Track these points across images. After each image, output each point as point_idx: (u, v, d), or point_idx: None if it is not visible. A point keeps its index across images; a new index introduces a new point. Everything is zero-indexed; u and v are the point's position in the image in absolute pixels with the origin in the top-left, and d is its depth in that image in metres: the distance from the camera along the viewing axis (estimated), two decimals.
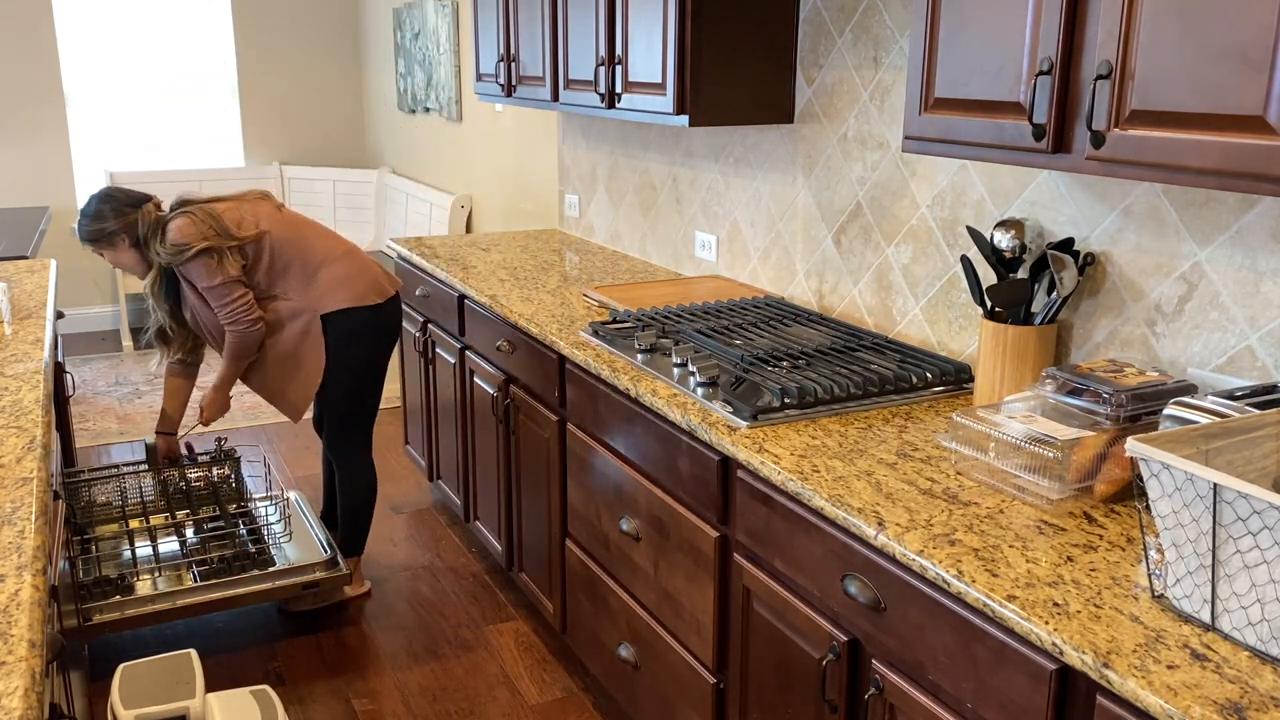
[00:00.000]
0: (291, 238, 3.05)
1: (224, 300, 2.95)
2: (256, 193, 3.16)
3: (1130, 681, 1.21)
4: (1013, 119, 1.69)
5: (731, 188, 3.10)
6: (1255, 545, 1.21)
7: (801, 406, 2.07)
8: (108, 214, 2.95)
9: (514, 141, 4.71)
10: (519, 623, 3.25)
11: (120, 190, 3.03)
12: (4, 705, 1.10)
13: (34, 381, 2.22)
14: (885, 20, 2.42)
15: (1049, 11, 1.60)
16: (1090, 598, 1.38)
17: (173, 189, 6.62)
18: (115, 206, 2.97)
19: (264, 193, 3.18)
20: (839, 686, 1.75)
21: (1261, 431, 1.41)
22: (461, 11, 5.10)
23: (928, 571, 1.50)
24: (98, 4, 6.37)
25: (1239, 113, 1.35)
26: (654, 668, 2.40)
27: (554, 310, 2.94)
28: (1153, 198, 1.88)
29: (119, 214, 2.95)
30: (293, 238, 3.05)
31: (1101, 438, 1.66)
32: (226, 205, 3.02)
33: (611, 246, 3.89)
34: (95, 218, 2.96)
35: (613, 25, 2.84)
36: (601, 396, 2.48)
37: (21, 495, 1.62)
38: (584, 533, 2.67)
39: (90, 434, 4.83)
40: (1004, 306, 2.03)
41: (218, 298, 2.95)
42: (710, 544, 2.09)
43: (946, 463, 1.84)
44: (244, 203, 3.07)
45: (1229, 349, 1.78)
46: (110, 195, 3.00)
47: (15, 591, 1.33)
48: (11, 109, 6.16)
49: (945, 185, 2.32)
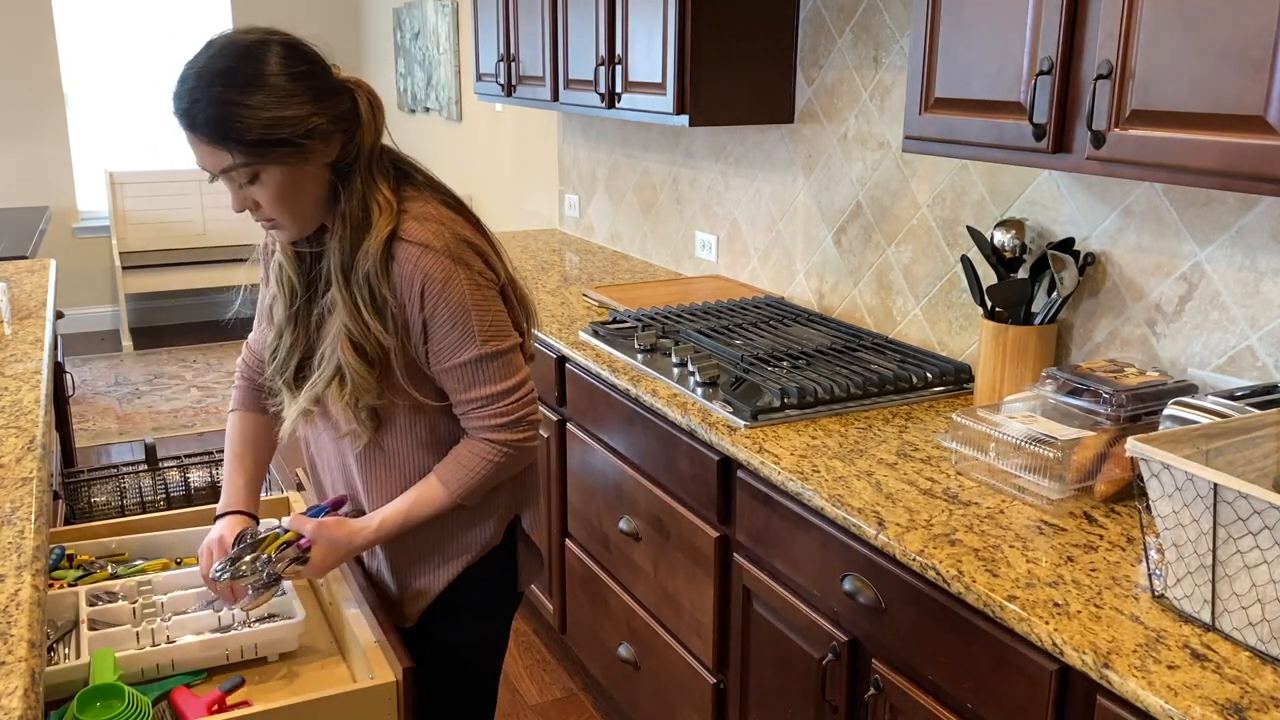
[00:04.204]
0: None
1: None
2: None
3: (1130, 682, 1.21)
4: (1013, 119, 1.69)
5: (731, 188, 3.10)
6: (1255, 545, 1.21)
7: (801, 406, 2.06)
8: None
9: (514, 141, 4.71)
10: (519, 622, 3.25)
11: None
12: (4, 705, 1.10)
13: (34, 381, 2.22)
14: (885, 20, 2.42)
15: (1049, 11, 1.60)
16: (1090, 598, 1.38)
17: (173, 189, 6.66)
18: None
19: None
20: (839, 686, 1.75)
21: (1261, 431, 1.41)
22: (461, 11, 5.10)
23: (928, 571, 1.50)
24: (98, 4, 6.37)
25: (1239, 113, 1.35)
26: (654, 668, 2.39)
27: (554, 310, 2.94)
28: (1153, 198, 1.88)
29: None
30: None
31: (1101, 438, 1.66)
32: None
33: (611, 246, 3.89)
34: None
35: (613, 25, 2.83)
36: (601, 396, 2.48)
37: (21, 495, 1.62)
38: (584, 532, 2.67)
39: (90, 434, 4.83)
40: (1004, 306, 2.03)
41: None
42: (710, 544, 2.09)
43: (947, 463, 1.83)
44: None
45: (1229, 349, 1.78)
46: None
47: (15, 591, 1.33)
48: (11, 109, 6.16)
49: (945, 185, 2.32)
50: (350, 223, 1.48)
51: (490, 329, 1.51)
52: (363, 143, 1.49)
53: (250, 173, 1.43)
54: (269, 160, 1.42)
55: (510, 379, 1.54)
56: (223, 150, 1.40)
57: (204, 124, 1.40)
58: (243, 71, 1.39)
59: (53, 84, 6.22)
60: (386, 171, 1.53)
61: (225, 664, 1.57)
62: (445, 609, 1.67)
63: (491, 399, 1.53)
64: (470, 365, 1.51)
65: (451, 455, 1.57)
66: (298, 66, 1.42)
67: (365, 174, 1.49)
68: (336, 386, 1.51)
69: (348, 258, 1.48)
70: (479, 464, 1.55)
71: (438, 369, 1.52)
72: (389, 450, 1.60)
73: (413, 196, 1.53)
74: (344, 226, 1.48)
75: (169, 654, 1.54)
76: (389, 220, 1.48)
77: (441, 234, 1.49)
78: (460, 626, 1.69)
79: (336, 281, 1.49)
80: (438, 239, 1.48)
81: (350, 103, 1.47)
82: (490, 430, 1.54)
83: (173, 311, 6.80)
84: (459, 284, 1.48)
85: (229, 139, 1.39)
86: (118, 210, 6.45)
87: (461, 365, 1.51)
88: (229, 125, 1.38)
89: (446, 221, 1.51)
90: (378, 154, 1.52)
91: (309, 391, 1.55)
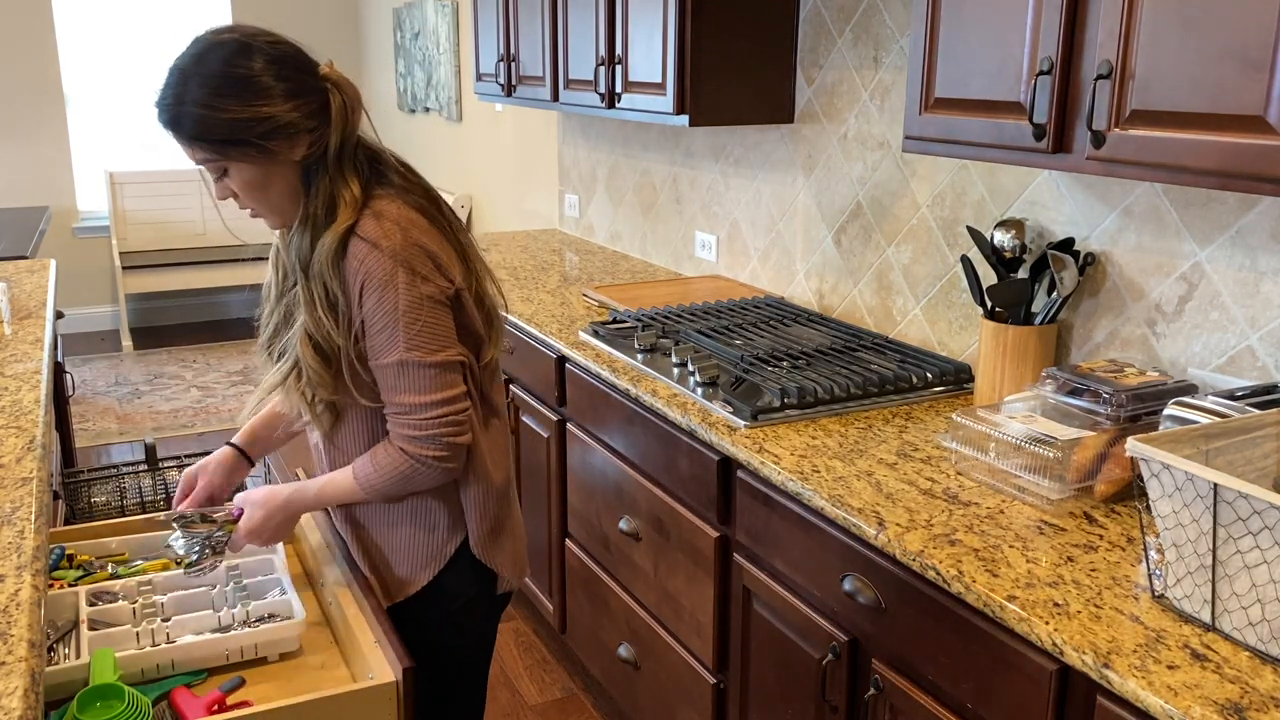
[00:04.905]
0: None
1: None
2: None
3: (1130, 682, 1.21)
4: (1013, 119, 1.69)
5: (731, 188, 3.10)
6: (1255, 545, 1.21)
7: (801, 406, 2.06)
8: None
9: (514, 141, 4.71)
10: (519, 623, 3.25)
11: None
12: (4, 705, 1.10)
13: (34, 381, 2.22)
14: (885, 20, 2.42)
15: (1049, 11, 1.60)
16: (1090, 598, 1.38)
17: (173, 189, 6.66)
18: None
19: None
20: (839, 686, 1.75)
21: (1261, 431, 1.41)
22: (461, 11, 5.10)
23: (928, 572, 1.50)
24: (98, 4, 6.37)
25: (1239, 113, 1.35)
26: (654, 668, 2.39)
27: (554, 310, 2.94)
28: (1153, 197, 1.88)
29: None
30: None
31: (1102, 438, 1.66)
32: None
33: (611, 246, 3.89)
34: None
35: (613, 25, 2.83)
36: (601, 396, 2.47)
37: (21, 495, 1.62)
38: (584, 533, 2.67)
39: (90, 434, 4.83)
40: (1004, 306, 2.03)
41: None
42: (710, 544, 2.09)
43: (947, 463, 1.83)
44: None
45: (1229, 349, 1.78)
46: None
47: (15, 591, 1.33)
48: (11, 109, 6.16)
49: (945, 185, 2.32)
50: (312, 219, 1.51)
51: (419, 337, 1.50)
52: (330, 142, 1.50)
53: (219, 167, 1.49)
54: (233, 158, 1.47)
55: (432, 394, 1.51)
56: (192, 147, 1.48)
57: (173, 121, 1.46)
58: (216, 73, 1.44)
59: (53, 84, 6.22)
60: (360, 169, 1.53)
61: (225, 664, 1.57)
62: (429, 608, 1.68)
63: (409, 409, 1.52)
64: (393, 369, 1.51)
65: (371, 450, 1.59)
66: (271, 68, 1.45)
67: (335, 171, 1.51)
68: (294, 379, 1.55)
69: (305, 253, 1.51)
70: (388, 468, 1.55)
71: (372, 366, 1.54)
72: (341, 445, 1.64)
73: (381, 196, 1.53)
74: (305, 222, 1.51)
75: (169, 654, 1.53)
76: (348, 217, 1.49)
77: (393, 234, 1.48)
78: (444, 625, 1.70)
79: (298, 276, 1.52)
80: (388, 239, 1.48)
81: (322, 103, 1.49)
82: (402, 440, 1.54)
83: (173, 311, 6.80)
84: (396, 287, 1.47)
85: (196, 138, 1.46)
86: (118, 210, 6.45)
87: (384, 367, 1.51)
88: (197, 124, 1.45)
89: (403, 223, 1.50)
90: (350, 151, 1.52)
91: (271, 378, 1.61)
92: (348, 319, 1.51)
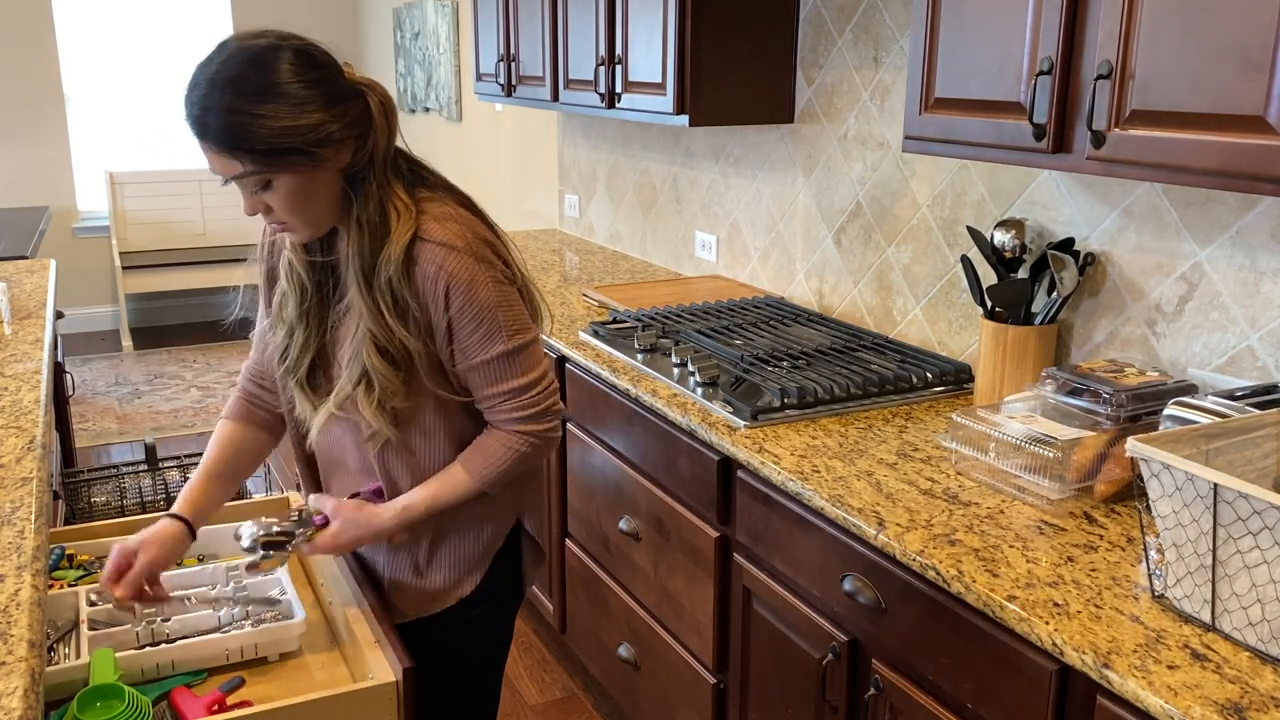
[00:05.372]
0: None
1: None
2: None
3: (1130, 682, 1.21)
4: (1013, 119, 1.69)
5: (731, 188, 3.10)
6: (1255, 545, 1.21)
7: (801, 406, 2.06)
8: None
9: (514, 141, 4.71)
10: (519, 622, 3.25)
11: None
12: (4, 705, 1.10)
13: (34, 381, 2.22)
14: (885, 20, 2.42)
15: (1049, 11, 1.60)
16: (1090, 598, 1.38)
17: (173, 189, 6.66)
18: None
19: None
20: (839, 686, 1.75)
21: (1261, 431, 1.41)
22: (461, 11, 5.10)
23: (928, 572, 1.50)
24: (98, 4, 6.37)
25: (1239, 113, 1.35)
26: (654, 668, 2.39)
27: (554, 310, 2.94)
28: (1153, 198, 1.88)
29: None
30: None
31: (1102, 438, 1.66)
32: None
33: (611, 246, 3.89)
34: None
35: (613, 25, 2.83)
36: (601, 396, 2.48)
37: (21, 495, 1.62)
38: (584, 533, 2.67)
39: (90, 434, 4.83)
40: (1004, 306, 2.03)
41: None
42: (710, 544, 2.09)
43: (947, 463, 1.83)
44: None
45: (1229, 349, 1.78)
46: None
47: (15, 591, 1.33)
48: (11, 109, 6.16)
49: (945, 185, 2.32)
50: (368, 228, 1.46)
51: (514, 325, 1.53)
52: (376, 146, 1.46)
53: (262, 180, 1.42)
54: (280, 169, 1.40)
55: (533, 371, 1.56)
56: (234, 159, 1.39)
57: (215, 133, 1.38)
58: (254, 79, 1.37)
59: (53, 84, 6.22)
60: (401, 173, 1.51)
61: (225, 664, 1.57)
62: (454, 606, 1.67)
63: (517, 392, 1.54)
64: (497, 361, 1.52)
65: (475, 445, 1.58)
66: (310, 73, 1.40)
67: (380, 177, 1.48)
68: (364, 390, 1.50)
69: (368, 263, 1.46)
70: (504, 453, 1.56)
71: (463, 366, 1.53)
72: (415, 448, 1.59)
73: (429, 198, 1.52)
74: (361, 231, 1.47)
75: (169, 654, 1.53)
76: (409, 223, 1.47)
77: (463, 234, 1.49)
78: (468, 623, 1.69)
79: (357, 286, 1.47)
80: (460, 239, 1.48)
81: (362, 107, 1.45)
82: (517, 422, 1.55)
83: (173, 311, 6.80)
84: (483, 283, 1.49)
85: (240, 148, 1.38)
86: (118, 210, 6.45)
87: (488, 362, 1.52)
88: (240, 134, 1.36)
89: (466, 221, 1.51)
90: (392, 156, 1.50)
91: (337, 396, 1.54)
92: (422, 323, 1.49)
